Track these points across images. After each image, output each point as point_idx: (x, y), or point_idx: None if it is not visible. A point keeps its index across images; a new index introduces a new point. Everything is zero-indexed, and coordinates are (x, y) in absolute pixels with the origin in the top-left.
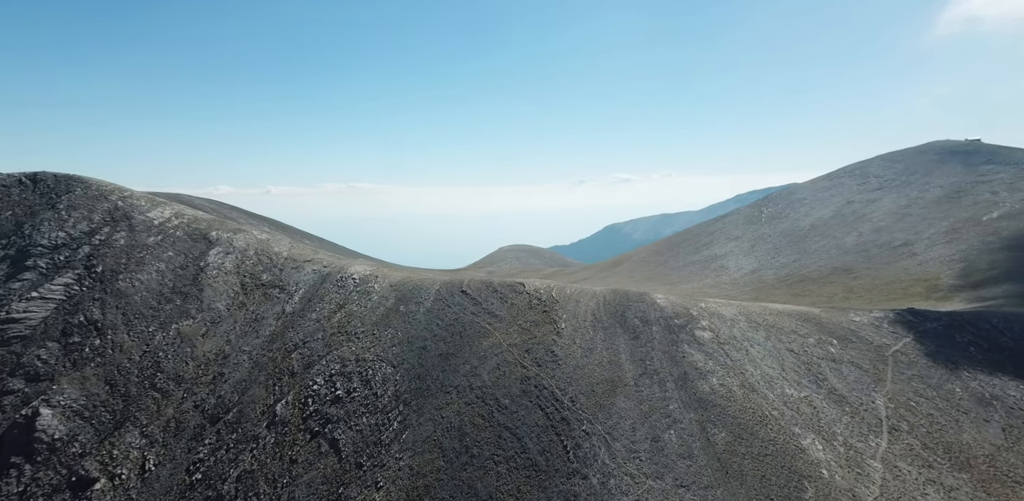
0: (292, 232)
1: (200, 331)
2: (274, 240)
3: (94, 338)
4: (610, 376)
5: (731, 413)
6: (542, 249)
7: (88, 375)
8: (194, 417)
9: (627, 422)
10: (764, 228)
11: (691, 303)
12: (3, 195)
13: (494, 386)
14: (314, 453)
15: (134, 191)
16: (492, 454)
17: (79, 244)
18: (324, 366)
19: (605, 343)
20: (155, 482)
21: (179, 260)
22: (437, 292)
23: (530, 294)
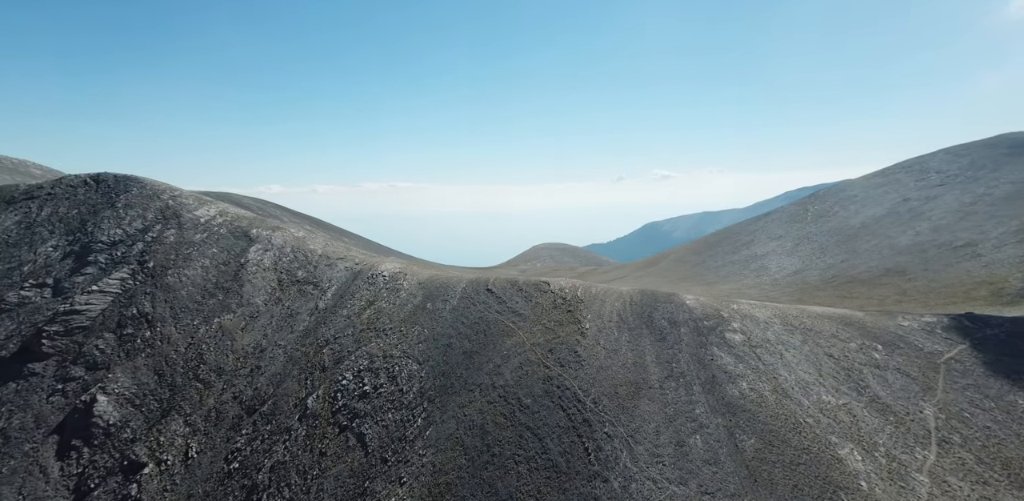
0: (331, 229)
1: (240, 325)
2: (309, 238)
3: (145, 330)
4: (634, 378)
5: (762, 419)
6: (576, 247)
7: (139, 365)
8: (232, 408)
9: (651, 425)
10: (809, 227)
11: (722, 304)
12: (70, 195)
13: (516, 385)
14: (342, 447)
15: (183, 190)
16: (513, 454)
17: (134, 241)
18: (353, 362)
19: (630, 344)
20: (197, 469)
21: (222, 256)
22: (463, 290)
23: (555, 293)
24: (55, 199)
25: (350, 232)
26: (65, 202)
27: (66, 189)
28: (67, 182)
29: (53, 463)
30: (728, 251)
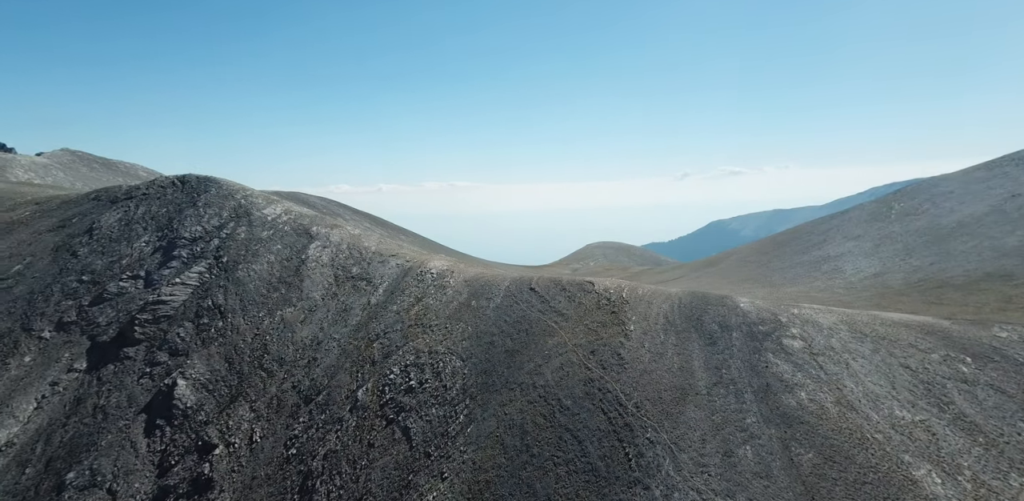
0: (389, 227)
1: (299, 318)
2: (364, 235)
3: (218, 320)
4: (680, 383)
5: (822, 432)
6: (633, 246)
7: (212, 353)
8: (291, 397)
9: (696, 433)
10: (893, 226)
11: (780, 309)
12: (160, 195)
13: (557, 386)
14: (389, 439)
15: (254, 190)
16: (552, 455)
17: (211, 237)
18: (400, 356)
19: (677, 348)
20: (260, 453)
21: (285, 253)
22: (507, 289)
23: (599, 294)
24: (148, 199)
25: (406, 229)
26: (156, 201)
27: (157, 189)
28: (158, 183)
29: (141, 440)
30: (797, 251)
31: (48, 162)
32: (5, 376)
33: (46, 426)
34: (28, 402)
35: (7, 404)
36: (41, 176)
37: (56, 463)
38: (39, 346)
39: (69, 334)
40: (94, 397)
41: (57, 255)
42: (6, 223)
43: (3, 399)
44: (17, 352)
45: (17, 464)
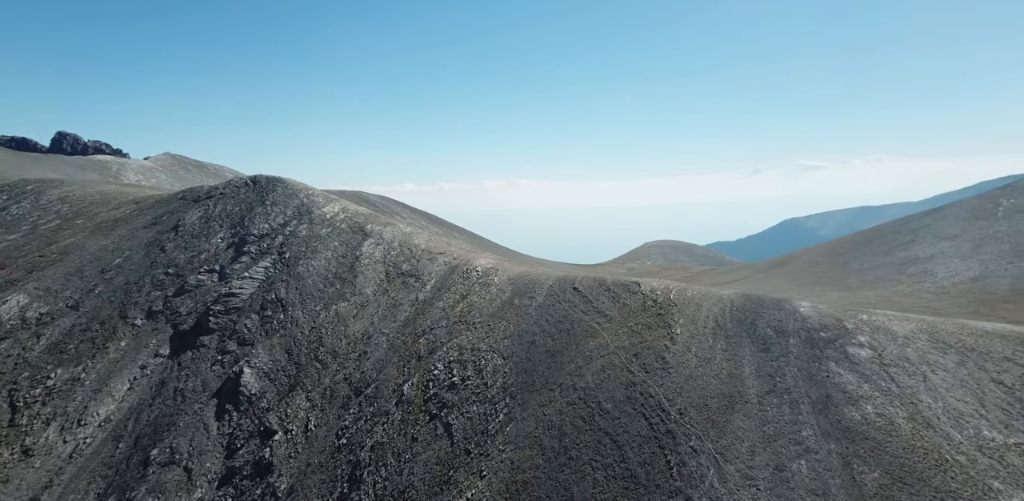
0: (443, 225)
1: (352, 313)
2: (415, 233)
3: (279, 313)
4: (728, 390)
5: (890, 450)
6: (694, 245)
7: (274, 343)
8: (343, 388)
9: (744, 444)
10: (999, 225)
11: (846, 314)
12: (235, 194)
13: (597, 389)
14: (431, 434)
15: (315, 189)
16: (590, 459)
17: (276, 234)
18: (444, 353)
19: (726, 353)
20: (315, 441)
21: (341, 249)
22: (549, 288)
23: (645, 295)
24: (225, 198)
25: (460, 227)
26: (231, 200)
27: (233, 189)
28: (234, 183)
29: (212, 423)
30: (879, 252)
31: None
32: (106, 358)
33: (136, 405)
34: (123, 383)
35: (106, 383)
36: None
37: (143, 440)
38: (132, 332)
39: (156, 322)
40: (175, 381)
41: (149, 250)
42: (111, 221)
43: (104, 379)
44: (115, 337)
45: (113, 438)
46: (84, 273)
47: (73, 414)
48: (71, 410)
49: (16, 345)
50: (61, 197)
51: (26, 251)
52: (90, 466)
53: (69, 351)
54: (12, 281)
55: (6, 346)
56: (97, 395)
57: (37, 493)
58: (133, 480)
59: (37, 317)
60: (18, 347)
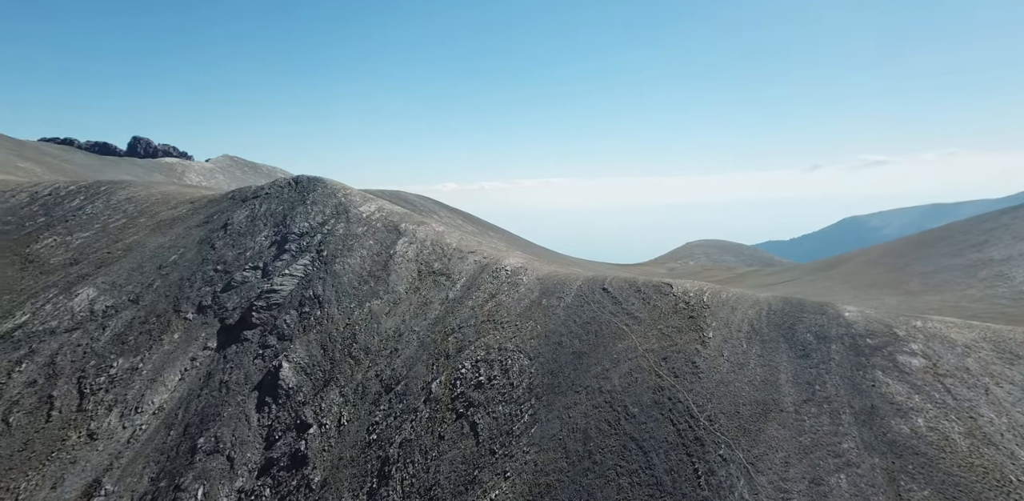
0: (479, 223)
1: (385, 310)
2: (447, 232)
3: (316, 309)
4: (762, 397)
5: (943, 468)
6: (741, 245)
7: (311, 339)
8: (375, 385)
9: (778, 454)
10: None
11: (898, 320)
12: (279, 194)
13: (624, 392)
14: (458, 433)
15: (353, 189)
16: (615, 464)
17: (315, 233)
18: (472, 352)
19: (761, 359)
20: (347, 435)
21: (376, 248)
22: (578, 288)
23: (676, 296)
24: (270, 198)
25: (496, 226)
26: (275, 200)
27: (277, 189)
28: (278, 183)
29: (253, 414)
30: (947, 253)
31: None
32: (160, 350)
33: (186, 395)
34: (175, 373)
35: (160, 373)
36: (207, 179)
37: (191, 428)
38: (184, 326)
39: (205, 316)
40: (220, 373)
41: (201, 247)
42: (169, 219)
43: (158, 369)
44: (169, 330)
45: (165, 426)
46: (144, 269)
47: (131, 401)
48: (130, 398)
49: (85, 335)
50: (128, 197)
51: (96, 248)
52: (145, 451)
53: (129, 342)
54: (84, 276)
55: (77, 336)
56: (152, 384)
57: (99, 474)
58: (182, 466)
59: (103, 309)
60: (87, 337)
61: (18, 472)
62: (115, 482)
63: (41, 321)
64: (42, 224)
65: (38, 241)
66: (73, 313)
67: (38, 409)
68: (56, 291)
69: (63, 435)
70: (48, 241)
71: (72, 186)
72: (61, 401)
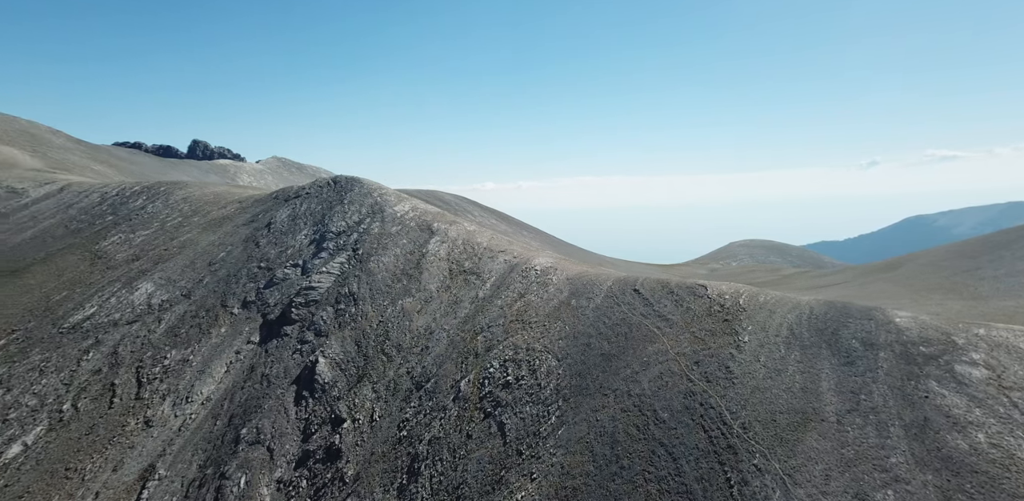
0: (513, 223)
1: (416, 308)
2: (478, 231)
3: (351, 306)
4: (801, 406)
5: (1007, 488)
6: (788, 245)
7: (346, 335)
8: (406, 382)
9: (817, 466)
10: None
11: (957, 327)
12: (318, 193)
13: (653, 396)
14: (485, 432)
15: (388, 189)
16: (643, 469)
17: (351, 231)
18: (500, 351)
19: (801, 365)
20: (379, 431)
21: (409, 247)
22: (608, 289)
23: (711, 299)
24: (310, 197)
25: (529, 225)
26: (315, 199)
27: (317, 189)
28: (318, 183)
29: (292, 407)
30: (1022, 256)
31: (262, 168)
32: (209, 343)
33: (231, 387)
34: (221, 365)
35: (208, 365)
36: (257, 179)
37: (235, 419)
38: (231, 320)
39: (250, 311)
40: (262, 366)
41: (247, 245)
42: (219, 218)
43: (207, 361)
44: (217, 324)
45: (212, 416)
46: (196, 265)
47: (182, 392)
48: (181, 388)
49: (143, 328)
50: (184, 197)
51: (155, 245)
52: (194, 439)
53: (182, 335)
54: (143, 271)
55: (136, 328)
56: (201, 375)
57: (154, 459)
58: (226, 455)
59: (159, 303)
60: (144, 329)
61: (84, 454)
62: (168, 467)
63: (106, 313)
64: (110, 222)
65: (106, 238)
66: (133, 306)
67: (102, 396)
68: (119, 285)
69: (123, 421)
70: (114, 238)
71: (136, 187)
72: (122, 389)
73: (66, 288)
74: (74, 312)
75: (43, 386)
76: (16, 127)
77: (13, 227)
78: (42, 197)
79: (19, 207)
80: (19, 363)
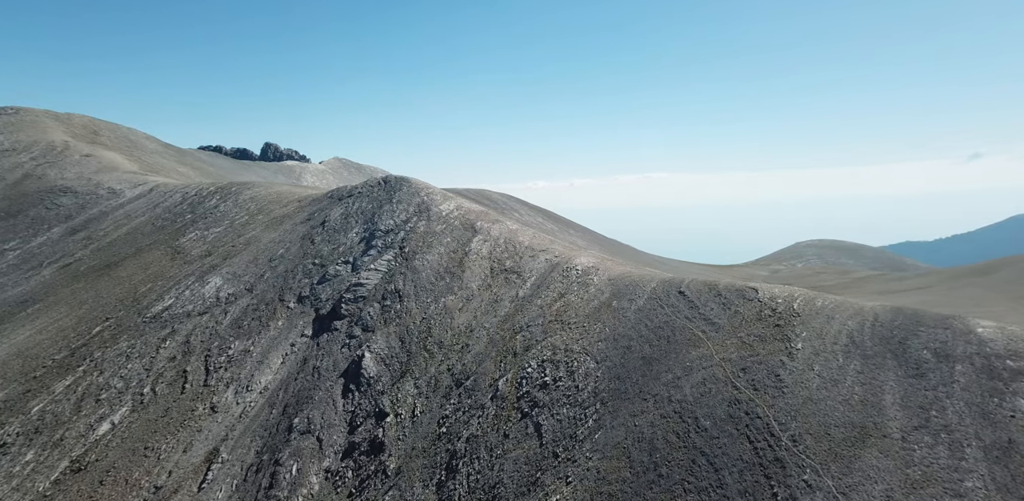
0: (560, 222)
1: (458, 306)
2: (520, 230)
3: (396, 303)
4: (859, 420)
5: None
6: (863, 246)
7: (391, 331)
8: (446, 379)
9: (877, 486)
10: None
11: None
12: (369, 193)
13: (695, 403)
14: (522, 433)
15: (435, 188)
16: (682, 479)
17: (399, 230)
18: (539, 351)
19: (861, 376)
20: (420, 426)
21: (452, 245)
22: (652, 290)
23: (762, 302)
24: (362, 196)
25: (576, 224)
26: (366, 198)
27: (368, 188)
28: (369, 183)
29: (339, 400)
30: None
31: (325, 168)
32: (267, 335)
33: (285, 377)
34: (277, 357)
35: (267, 356)
36: (319, 180)
37: (289, 409)
38: (287, 314)
39: (304, 306)
40: (314, 359)
41: (303, 242)
42: (280, 217)
43: (265, 352)
44: (275, 317)
45: (268, 405)
46: (258, 261)
47: (243, 381)
48: (242, 377)
49: (211, 319)
50: (251, 197)
51: (224, 241)
52: (252, 426)
53: (244, 326)
54: (214, 266)
55: (205, 319)
56: (260, 366)
57: (218, 444)
58: (280, 443)
59: (226, 297)
60: (212, 321)
61: (160, 435)
62: (230, 451)
63: (181, 305)
64: (188, 220)
65: (184, 235)
66: (204, 299)
67: (176, 382)
68: (193, 279)
69: (192, 406)
70: (191, 235)
71: (211, 187)
72: (192, 376)
73: (150, 281)
74: (155, 303)
75: (128, 370)
76: (118, 134)
77: (111, 224)
78: (135, 197)
79: (116, 206)
80: (110, 348)
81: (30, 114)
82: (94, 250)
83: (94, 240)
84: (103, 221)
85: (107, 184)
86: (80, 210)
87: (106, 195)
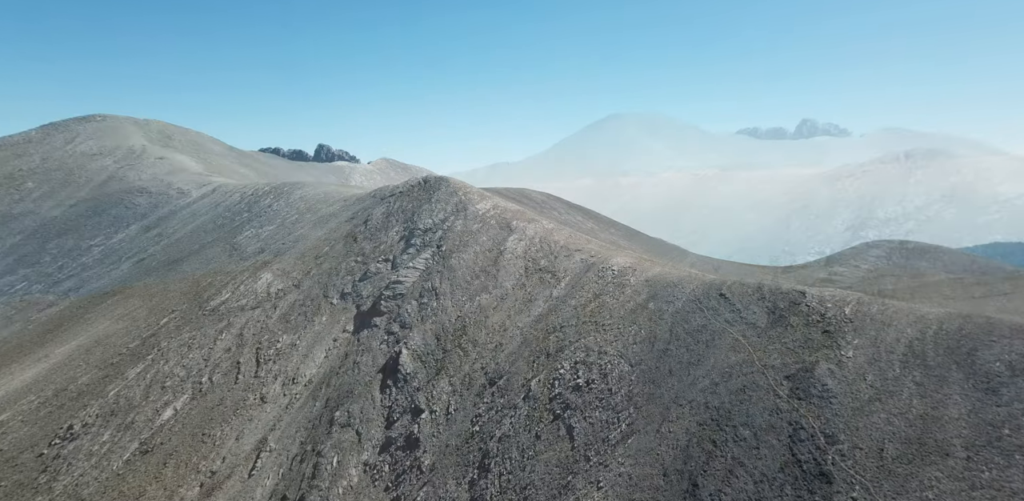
0: (601, 220)
1: (492, 305)
2: (556, 229)
3: (433, 300)
4: (918, 436)
5: None
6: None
7: (427, 329)
8: (480, 377)
9: None
10: None
11: None
12: (411, 192)
13: (734, 411)
14: (554, 434)
15: (472, 187)
16: (718, 490)
17: (437, 229)
18: (572, 352)
19: (921, 388)
20: (453, 424)
21: (488, 244)
22: (691, 292)
23: (810, 307)
24: (403, 196)
25: (618, 222)
26: (407, 198)
27: (409, 188)
28: (410, 183)
29: (378, 395)
30: None
31: (372, 169)
32: (312, 330)
33: (328, 372)
34: (321, 351)
35: (311, 350)
36: (367, 180)
37: (331, 402)
38: (331, 310)
39: (346, 302)
40: (355, 354)
41: (347, 240)
42: (327, 215)
43: (310, 347)
44: (319, 312)
45: (312, 398)
46: (305, 258)
47: (290, 373)
48: (289, 369)
49: (262, 313)
50: (301, 196)
51: (276, 239)
52: (297, 418)
53: (291, 321)
54: (266, 263)
55: (257, 313)
56: (305, 359)
57: (266, 433)
58: (322, 435)
59: (276, 292)
60: (263, 315)
61: (215, 423)
62: (277, 441)
63: (236, 299)
64: (245, 219)
65: (241, 233)
66: (256, 293)
67: (230, 372)
68: (247, 274)
69: (244, 396)
70: (247, 233)
71: (266, 187)
72: (244, 367)
73: (211, 276)
74: (214, 297)
75: (190, 360)
76: (187, 138)
77: (179, 222)
78: (200, 197)
79: (184, 205)
80: (175, 338)
81: (114, 120)
82: (164, 246)
83: (164, 237)
84: (172, 219)
85: (177, 185)
86: (153, 209)
87: (176, 195)
